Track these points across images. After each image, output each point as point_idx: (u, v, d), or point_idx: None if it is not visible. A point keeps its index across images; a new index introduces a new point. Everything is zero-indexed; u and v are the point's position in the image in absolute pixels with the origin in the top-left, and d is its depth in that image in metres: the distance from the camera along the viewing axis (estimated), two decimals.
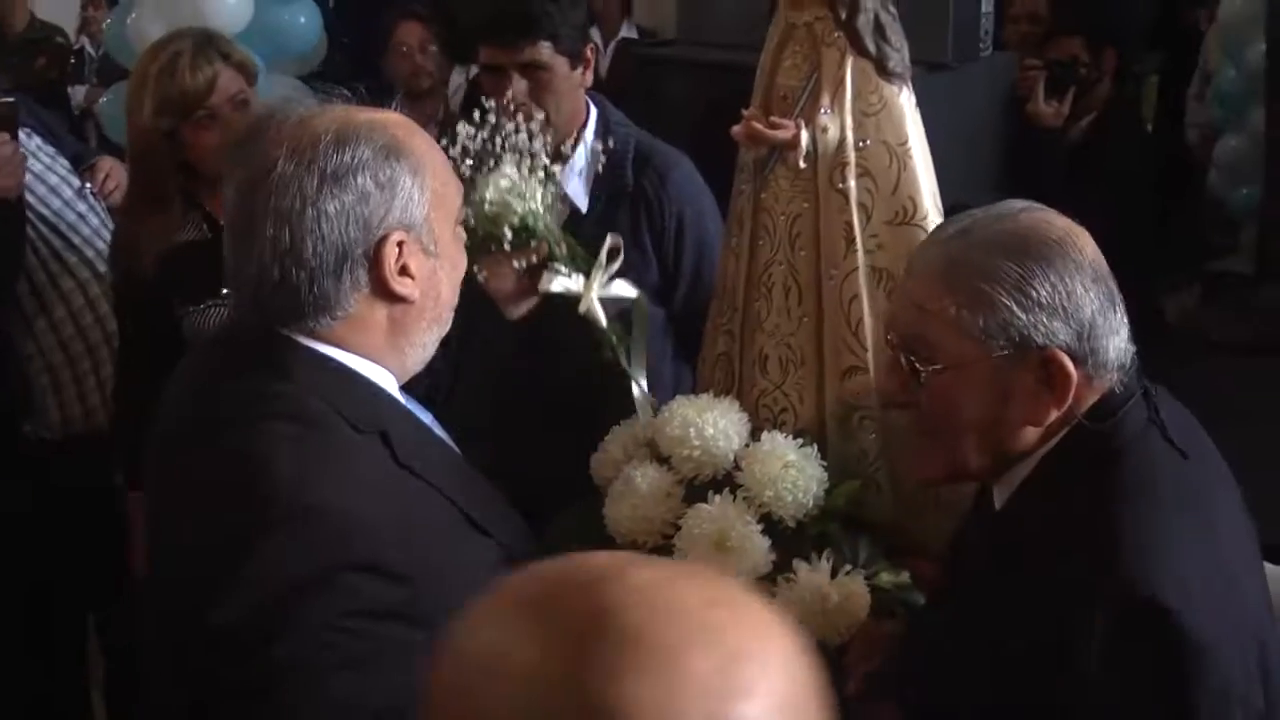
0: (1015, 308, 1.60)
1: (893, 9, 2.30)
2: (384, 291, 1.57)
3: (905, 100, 2.32)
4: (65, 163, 3.34)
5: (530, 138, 2.30)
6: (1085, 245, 1.65)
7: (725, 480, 2.28)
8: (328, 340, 1.60)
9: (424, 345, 1.67)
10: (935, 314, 1.66)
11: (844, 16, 2.27)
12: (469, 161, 2.23)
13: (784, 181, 2.33)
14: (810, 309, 2.34)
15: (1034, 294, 1.60)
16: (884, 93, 2.30)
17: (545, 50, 2.63)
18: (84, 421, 3.30)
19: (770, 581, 2.24)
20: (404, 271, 1.57)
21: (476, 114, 2.27)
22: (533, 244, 2.29)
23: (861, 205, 2.31)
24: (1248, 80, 5.29)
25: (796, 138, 2.27)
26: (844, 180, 2.30)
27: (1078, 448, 1.66)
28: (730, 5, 4.42)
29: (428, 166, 1.59)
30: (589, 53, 2.72)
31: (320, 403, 1.56)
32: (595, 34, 7.23)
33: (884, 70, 2.29)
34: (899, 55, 2.29)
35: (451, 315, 1.72)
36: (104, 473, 3.33)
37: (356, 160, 1.52)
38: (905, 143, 2.30)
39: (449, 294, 1.67)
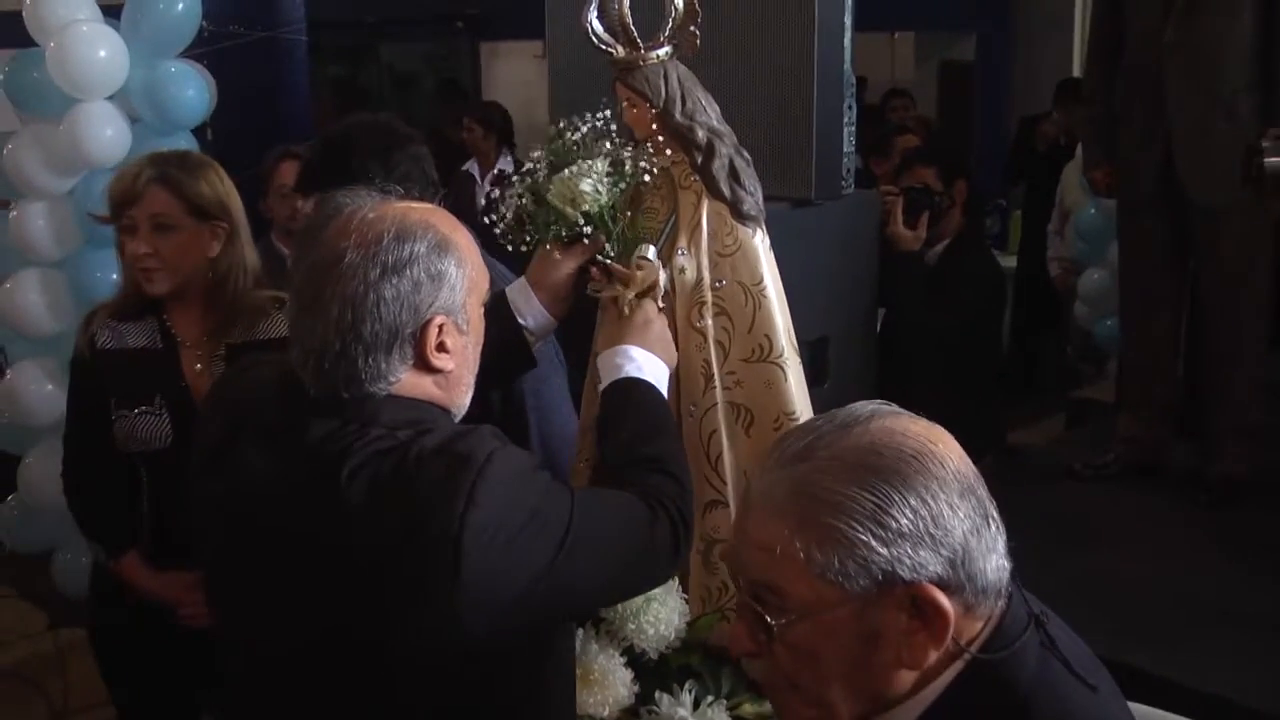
0: (874, 542, 1.36)
1: (746, 155, 2.39)
2: (425, 365, 1.80)
3: (759, 242, 2.40)
4: None
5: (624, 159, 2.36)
6: (948, 453, 1.41)
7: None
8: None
9: (462, 404, 1.91)
10: (782, 557, 1.39)
11: (700, 162, 2.36)
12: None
13: None
14: None
15: (894, 524, 1.36)
16: (739, 234, 2.38)
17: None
18: None
19: (633, 714, 2.26)
20: (441, 348, 1.80)
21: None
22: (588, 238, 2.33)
23: (719, 343, 2.38)
24: (1106, 216, 5.47)
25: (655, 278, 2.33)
26: (701, 319, 2.37)
27: (978, 692, 1.42)
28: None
29: (468, 259, 1.83)
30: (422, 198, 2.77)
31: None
32: (474, 167, 7.35)
33: (738, 213, 2.37)
34: (753, 199, 2.38)
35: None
36: None
37: (412, 254, 1.76)
38: (760, 282, 2.38)
39: (475, 361, 1.91)
